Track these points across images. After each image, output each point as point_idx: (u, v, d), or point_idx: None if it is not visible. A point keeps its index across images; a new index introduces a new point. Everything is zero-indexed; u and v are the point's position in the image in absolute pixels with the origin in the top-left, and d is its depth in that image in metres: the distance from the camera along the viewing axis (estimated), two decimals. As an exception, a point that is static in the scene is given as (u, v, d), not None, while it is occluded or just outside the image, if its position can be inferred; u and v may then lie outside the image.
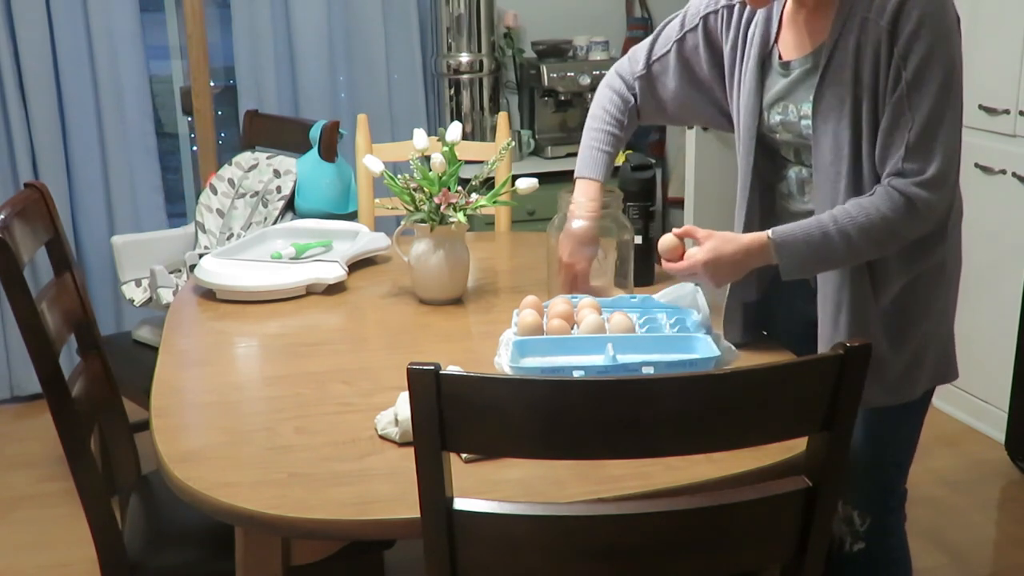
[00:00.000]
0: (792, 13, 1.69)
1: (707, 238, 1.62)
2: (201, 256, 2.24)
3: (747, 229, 1.76)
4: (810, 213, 1.67)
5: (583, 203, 1.90)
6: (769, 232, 1.59)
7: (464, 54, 3.88)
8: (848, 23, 1.57)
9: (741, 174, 1.78)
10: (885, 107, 1.55)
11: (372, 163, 2.09)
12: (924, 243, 1.63)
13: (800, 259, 1.58)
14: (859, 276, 1.63)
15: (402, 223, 2.09)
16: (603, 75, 2.02)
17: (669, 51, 1.88)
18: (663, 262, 1.68)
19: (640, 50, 1.94)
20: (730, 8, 1.78)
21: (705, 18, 1.82)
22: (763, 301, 1.83)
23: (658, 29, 1.92)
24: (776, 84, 1.70)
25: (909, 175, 1.54)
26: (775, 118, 1.71)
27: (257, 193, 3.02)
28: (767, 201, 1.78)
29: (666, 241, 1.66)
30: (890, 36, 1.53)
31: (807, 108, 1.64)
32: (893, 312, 1.65)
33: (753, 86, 1.72)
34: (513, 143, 2.27)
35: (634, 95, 1.95)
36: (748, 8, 1.74)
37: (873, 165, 1.58)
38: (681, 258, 1.64)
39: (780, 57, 1.70)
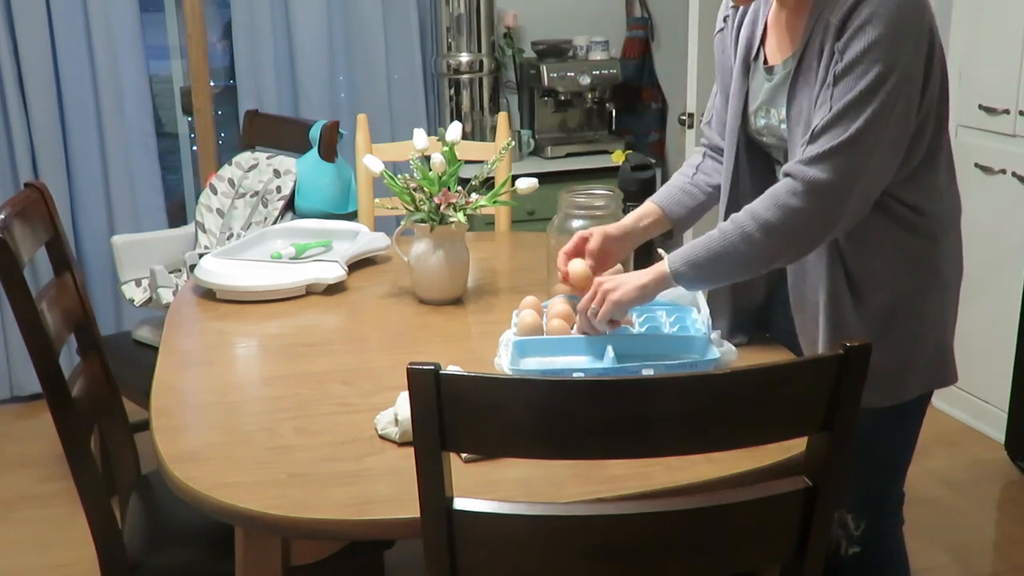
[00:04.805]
0: (775, 16, 1.68)
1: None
2: (201, 256, 2.24)
3: None
4: None
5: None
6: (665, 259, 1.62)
7: (464, 54, 3.88)
8: (816, 26, 1.55)
9: (724, 176, 1.78)
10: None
11: (372, 163, 2.09)
12: (911, 247, 1.61)
13: (699, 272, 1.59)
14: (835, 276, 1.61)
15: (402, 223, 2.09)
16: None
17: (715, 57, 1.85)
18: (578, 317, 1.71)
19: None
20: (735, 8, 1.78)
21: (725, 19, 1.82)
22: (763, 303, 1.83)
23: None
24: (761, 88, 1.69)
25: (802, 156, 1.51)
26: (760, 122, 1.70)
27: (257, 193, 3.02)
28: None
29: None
30: (837, 32, 1.49)
31: (784, 112, 1.63)
32: (881, 314, 1.63)
33: (737, 88, 1.72)
34: (513, 143, 2.27)
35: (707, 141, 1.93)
36: (741, 8, 1.74)
37: None
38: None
39: (765, 61, 1.69)
